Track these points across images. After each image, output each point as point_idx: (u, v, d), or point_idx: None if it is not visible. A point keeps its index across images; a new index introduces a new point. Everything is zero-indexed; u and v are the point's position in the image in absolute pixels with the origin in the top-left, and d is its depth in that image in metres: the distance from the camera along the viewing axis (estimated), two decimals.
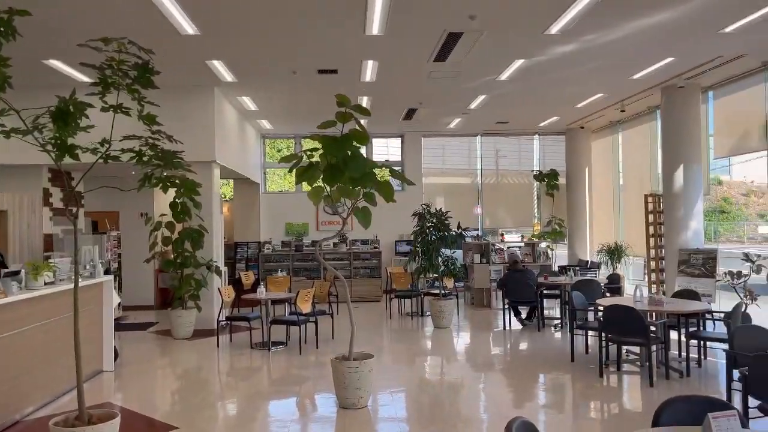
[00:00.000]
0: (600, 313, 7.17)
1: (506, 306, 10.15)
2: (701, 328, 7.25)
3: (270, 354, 8.28)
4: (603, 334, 6.68)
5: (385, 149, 16.13)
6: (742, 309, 6.83)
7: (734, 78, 9.58)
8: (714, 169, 13.56)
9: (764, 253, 9.79)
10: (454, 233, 10.37)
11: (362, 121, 5.42)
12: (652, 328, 6.61)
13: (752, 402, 4.11)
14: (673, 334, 7.15)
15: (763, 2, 6.39)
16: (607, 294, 9.38)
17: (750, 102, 9.41)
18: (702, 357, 7.15)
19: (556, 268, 12.25)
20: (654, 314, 6.81)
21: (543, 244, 13.25)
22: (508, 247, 12.75)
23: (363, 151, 5.46)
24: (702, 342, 7.10)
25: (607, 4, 6.34)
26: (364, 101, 10.80)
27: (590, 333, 7.87)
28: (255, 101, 11.04)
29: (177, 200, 9.17)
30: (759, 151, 9.38)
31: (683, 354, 6.93)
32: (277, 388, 6.85)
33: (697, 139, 10.11)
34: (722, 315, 7.00)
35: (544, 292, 10.15)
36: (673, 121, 10.18)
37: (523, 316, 10.24)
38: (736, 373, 4.87)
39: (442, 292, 10.41)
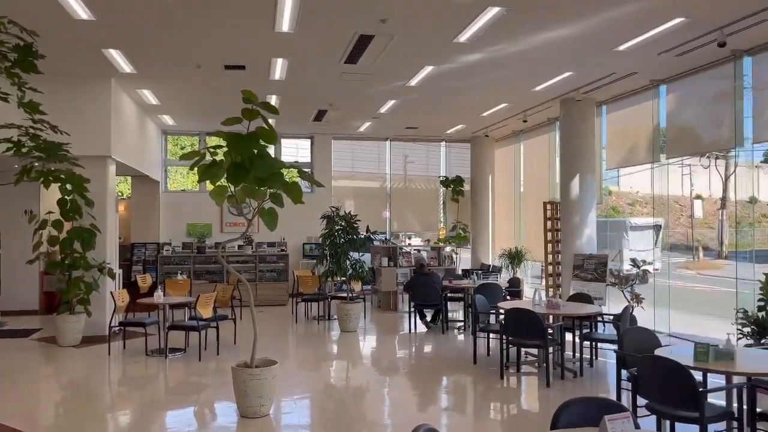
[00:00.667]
0: (501, 316, 7.37)
1: (412, 309, 10.24)
2: (593, 330, 7.64)
3: (167, 361, 7.85)
4: (504, 337, 6.87)
5: (294, 150, 15.88)
6: (630, 311, 7.26)
7: (625, 94, 10.24)
8: (605, 180, 14.45)
9: (645, 257, 10.55)
10: (362, 236, 10.35)
11: (270, 120, 5.24)
12: (550, 331, 6.88)
13: (640, 401, 4.34)
14: (568, 336, 7.48)
15: (651, 24, 6.84)
16: (508, 297, 9.68)
17: (639, 117, 10.08)
18: (594, 357, 7.53)
19: (460, 272, 12.55)
20: (551, 317, 7.09)
21: (448, 248, 13.54)
22: (415, 251, 12.92)
23: (271, 151, 5.29)
24: (594, 343, 7.49)
25: (511, 17, 6.54)
26: (273, 100, 10.55)
27: (492, 335, 8.08)
28: (156, 95, 10.49)
29: (66, 197, 8.50)
30: (646, 164, 10.07)
31: (577, 355, 7.26)
32: (174, 398, 6.49)
33: (591, 150, 10.70)
34: (612, 317, 7.41)
35: (449, 295, 10.34)
36: (571, 132, 10.72)
37: (428, 318, 10.38)
38: (625, 373, 5.14)
39: (350, 295, 10.35)
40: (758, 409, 4.24)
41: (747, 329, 6.62)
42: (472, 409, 6.16)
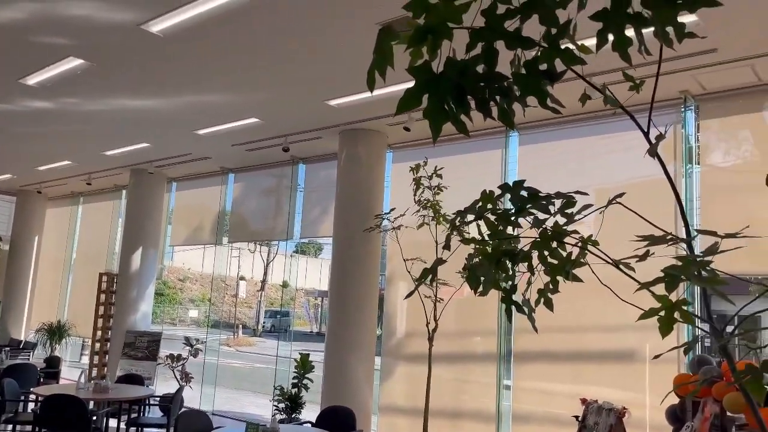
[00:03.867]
0: (32, 404, 6.31)
1: None
2: (142, 414, 7.24)
3: None
4: (38, 429, 5.86)
5: None
6: (181, 392, 7.19)
7: (198, 175, 10.61)
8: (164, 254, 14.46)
9: (196, 335, 10.82)
10: None
11: None
12: (94, 418, 6.21)
13: None
14: (113, 422, 6.89)
15: (229, 117, 7.36)
16: (43, 380, 8.42)
17: (208, 199, 10.55)
18: None
19: None
20: (98, 402, 6.44)
21: None
22: None
23: None
24: (141, 428, 7.07)
25: (93, 74, 6.13)
26: None
27: (20, 427, 6.78)
28: None
29: None
30: (210, 245, 10.51)
31: None
32: None
33: (158, 224, 10.59)
34: (159, 399, 7.18)
35: None
36: (138, 203, 10.43)
37: None
38: None
39: None
40: None
41: (282, 405, 7.34)
42: None
